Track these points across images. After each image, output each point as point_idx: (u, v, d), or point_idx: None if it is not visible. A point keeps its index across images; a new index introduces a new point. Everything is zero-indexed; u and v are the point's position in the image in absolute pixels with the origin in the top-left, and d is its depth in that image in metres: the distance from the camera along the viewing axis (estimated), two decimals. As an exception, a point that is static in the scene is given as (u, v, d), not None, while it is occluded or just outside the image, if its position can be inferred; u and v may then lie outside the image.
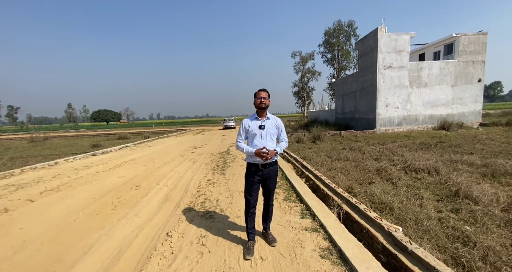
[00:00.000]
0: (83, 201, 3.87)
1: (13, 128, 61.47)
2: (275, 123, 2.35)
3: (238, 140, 2.34)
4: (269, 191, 2.38)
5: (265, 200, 2.45)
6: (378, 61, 13.02)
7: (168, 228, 2.78)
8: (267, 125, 2.29)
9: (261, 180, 2.31)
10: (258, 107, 2.28)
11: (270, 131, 2.29)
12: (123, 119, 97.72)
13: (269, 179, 2.31)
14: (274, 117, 2.39)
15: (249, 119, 2.34)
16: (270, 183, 2.34)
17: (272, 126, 2.31)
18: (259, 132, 2.26)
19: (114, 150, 10.78)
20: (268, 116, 2.34)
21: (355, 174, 5.22)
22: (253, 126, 2.28)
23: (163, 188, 4.50)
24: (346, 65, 36.22)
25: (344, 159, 6.73)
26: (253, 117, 2.33)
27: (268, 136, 2.28)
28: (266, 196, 2.42)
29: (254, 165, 2.27)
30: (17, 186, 4.96)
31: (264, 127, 2.27)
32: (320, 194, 3.78)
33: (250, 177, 2.31)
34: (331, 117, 22.22)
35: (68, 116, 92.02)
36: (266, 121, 2.31)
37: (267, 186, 2.35)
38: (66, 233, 2.77)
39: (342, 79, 19.57)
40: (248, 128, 2.30)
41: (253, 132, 2.27)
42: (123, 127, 45.83)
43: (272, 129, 2.30)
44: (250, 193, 2.31)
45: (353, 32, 35.09)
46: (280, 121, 2.40)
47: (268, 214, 2.46)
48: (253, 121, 2.31)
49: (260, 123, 2.29)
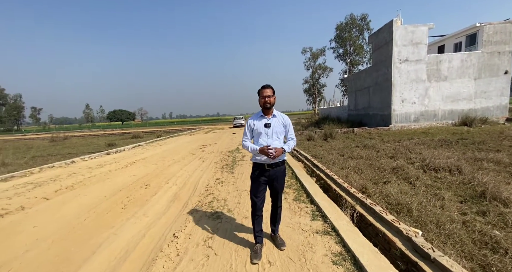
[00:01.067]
0: (95, 200, 3.94)
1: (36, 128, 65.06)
2: (282, 121, 2.22)
3: (243, 139, 2.25)
4: (277, 192, 2.27)
5: (273, 202, 2.34)
6: (393, 54, 12.43)
7: (175, 229, 2.74)
8: (273, 123, 2.17)
9: (267, 181, 2.20)
10: (263, 107, 2.17)
11: (276, 130, 2.17)
12: (137, 119, 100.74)
13: (276, 180, 2.20)
14: (281, 114, 2.27)
15: (254, 118, 2.24)
16: (278, 184, 2.22)
17: (278, 125, 2.19)
18: (264, 130, 2.15)
19: (127, 148, 11.05)
20: (275, 114, 2.22)
21: (369, 173, 4.98)
22: (259, 125, 2.18)
23: (172, 186, 4.50)
24: (359, 60, 35.13)
25: (357, 157, 6.47)
26: (258, 115, 2.22)
27: (274, 135, 2.16)
28: (273, 197, 2.32)
29: (260, 165, 2.17)
30: (35, 184, 5.16)
31: (270, 125, 2.16)
32: (332, 194, 3.62)
33: (256, 177, 2.20)
34: (343, 114, 21.63)
35: (86, 116, 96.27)
36: (272, 119, 2.19)
37: (274, 187, 2.24)
38: (76, 232, 2.81)
39: (355, 75, 18.95)
40: (253, 127, 2.20)
41: (259, 131, 2.17)
42: (137, 127, 47.20)
43: (278, 128, 2.18)
44: (256, 194, 2.21)
45: (366, 25, 33.90)
46: (288, 119, 2.27)
47: (277, 216, 2.35)
48: (258, 120, 2.20)
49: (266, 121, 2.17)
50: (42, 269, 2.12)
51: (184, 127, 32.44)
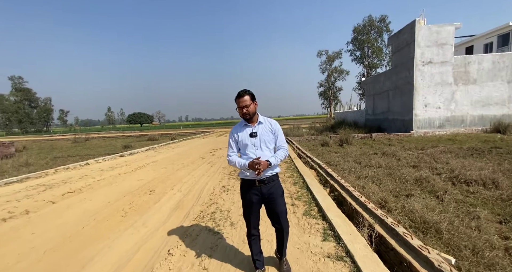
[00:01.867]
0: (98, 205, 3.86)
1: (62, 130, 69.37)
2: (269, 128, 1.91)
3: (229, 154, 1.93)
4: (277, 214, 1.88)
5: (277, 228, 1.96)
6: (415, 56, 11.69)
7: (171, 243, 2.53)
8: (260, 131, 1.87)
9: (260, 200, 1.88)
10: (243, 118, 1.87)
11: (264, 138, 1.86)
12: (155, 122, 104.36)
13: (273, 200, 1.86)
14: (268, 120, 1.95)
15: (237, 128, 1.94)
16: (276, 205, 1.86)
17: (266, 132, 1.88)
18: (251, 141, 1.85)
19: (140, 151, 11.22)
20: (260, 120, 1.91)
21: (389, 184, 4.52)
22: (243, 135, 1.88)
23: (177, 193, 4.34)
24: (378, 63, 33.89)
25: (375, 165, 5.98)
26: (242, 125, 1.92)
27: (262, 144, 1.85)
28: (275, 223, 1.93)
29: (249, 182, 1.85)
30: (47, 186, 5.24)
31: (256, 134, 1.85)
32: (347, 209, 3.25)
33: (246, 196, 1.88)
34: (360, 119, 20.75)
35: (107, 118, 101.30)
36: (258, 126, 1.88)
37: (272, 209, 1.88)
38: (72, 241, 2.69)
39: (373, 78, 18.15)
40: (238, 139, 1.90)
41: (244, 142, 1.86)
42: (154, 129, 48.70)
43: (266, 136, 1.87)
44: (249, 214, 1.90)
45: (386, 27, 32.73)
46: (276, 124, 1.94)
47: (283, 241, 1.98)
48: (242, 130, 1.90)
49: (251, 130, 1.87)
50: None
51: (198, 130, 32.91)
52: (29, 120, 58.09)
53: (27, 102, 58.85)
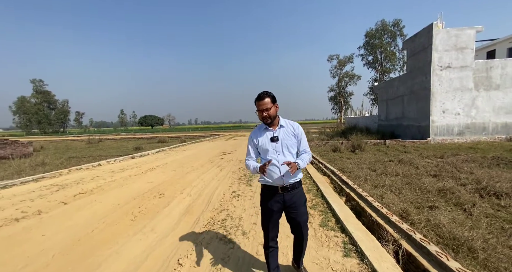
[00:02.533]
0: (108, 207, 3.81)
1: (77, 131, 71.86)
2: (292, 131, 1.78)
3: (247, 158, 1.84)
4: (298, 224, 1.77)
5: (296, 236, 1.85)
6: (432, 60, 11.27)
7: (180, 252, 2.41)
8: (281, 135, 1.74)
9: (281, 209, 1.75)
10: (263, 122, 1.76)
11: (286, 143, 1.73)
12: (165, 124, 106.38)
13: (295, 208, 1.74)
14: (290, 122, 1.82)
15: (257, 132, 1.82)
16: (298, 213, 1.74)
17: (288, 136, 1.75)
18: (272, 146, 1.72)
19: (151, 153, 11.31)
20: (282, 124, 1.78)
21: (409, 194, 4.24)
22: (264, 140, 1.76)
23: (186, 197, 4.24)
24: (391, 68, 33.19)
25: (392, 173, 5.68)
26: (261, 128, 1.80)
27: (284, 149, 1.73)
28: (296, 232, 1.82)
29: (271, 188, 1.73)
30: (60, 186, 5.29)
31: (278, 139, 1.73)
32: (367, 220, 3.03)
33: (267, 203, 1.76)
34: (372, 124, 20.21)
35: (120, 120, 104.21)
36: (279, 130, 1.76)
37: (293, 218, 1.77)
38: (81, 245, 2.62)
39: (387, 83, 17.68)
40: (258, 143, 1.78)
41: (265, 147, 1.75)
42: (165, 132, 49.50)
43: (289, 140, 1.74)
44: (267, 225, 1.78)
45: (400, 31, 32.13)
46: (298, 127, 1.81)
47: (302, 250, 1.88)
48: (262, 134, 1.78)
49: (272, 134, 1.75)
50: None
51: (207, 134, 33.13)
52: (47, 121, 60.55)
53: (46, 104, 61.49)
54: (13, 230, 3.06)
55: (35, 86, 60.51)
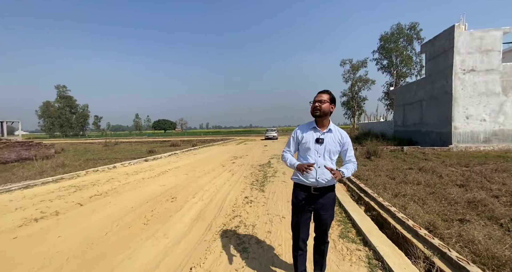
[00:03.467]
0: (122, 210, 3.82)
1: (95, 134, 74.95)
2: (339, 138, 1.75)
3: (285, 150, 1.86)
4: (325, 225, 1.77)
5: (318, 236, 1.85)
6: (454, 64, 10.76)
7: (193, 260, 2.31)
8: (327, 139, 1.71)
9: (313, 209, 1.76)
10: (313, 114, 1.74)
11: (330, 148, 1.70)
12: (177, 128, 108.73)
13: (324, 209, 1.73)
14: (339, 129, 1.79)
15: (304, 128, 1.81)
16: (326, 214, 1.74)
17: (333, 142, 1.73)
18: (314, 147, 1.71)
19: (163, 156, 11.47)
20: (331, 128, 1.76)
21: (435, 205, 3.94)
22: (308, 138, 1.74)
23: (198, 202, 4.18)
24: (407, 72, 32.15)
25: (413, 182, 5.35)
26: (309, 126, 1.78)
27: (326, 154, 1.70)
28: (319, 232, 1.82)
29: (305, 188, 1.73)
30: (77, 187, 5.41)
31: (323, 141, 1.70)
32: (390, 233, 2.81)
33: (299, 202, 1.76)
34: (388, 130, 19.50)
35: (135, 124, 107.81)
36: (327, 134, 1.73)
37: (321, 218, 1.76)
38: (94, 248, 2.60)
39: (403, 87, 17.08)
40: (301, 140, 1.77)
41: (307, 146, 1.73)
42: (177, 135, 50.50)
43: (333, 146, 1.72)
44: (298, 224, 1.77)
45: (417, 35, 31.19)
46: (346, 136, 1.78)
47: (323, 255, 1.83)
48: (308, 132, 1.76)
49: (319, 135, 1.72)
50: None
51: (218, 138, 33.37)
52: (68, 124, 63.66)
53: (68, 108, 64.76)
54: (32, 230, 3.12)
55: (59, 91, 64.07)
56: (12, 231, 3.09)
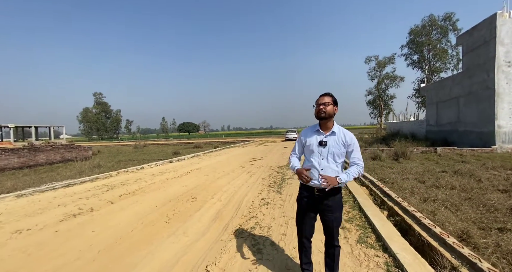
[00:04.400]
0: (147, 209, 4.08)
1: (127, 137, 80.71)
2: (343, 140, 1.73)
3: (292, 154, 1.94)
4: (331, 227, 1.76)
5: (326, 238, 1.84)
6: (497, 56, 9.70)
7: (209, 259, 2.40)
8: (331, 142, 1.72)
9: (317, 210, 1.80)
10: (317, 117, 1.76)
11: (333, 151, 1.71)
12: (201, 130, 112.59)
13: (330, 211, 1.74)
14: (343, 130, 1.78)
15: (308, 131, 1.85)
16: (332, 215, 1.74)
17: (337, 144, 1.72)
18: (318, 150, 1.74)
19: (187, 158, 11.97)
20: (334, 130, 1.76)
21: (471, 212, 3.59)
22: (312, 141, 1.78)
23: (217, 202, 4.30)
24: (441, 67, 29.62)
25: (446, 186, 4.93)
26: (313, 129, 1.81)
27: (330, 156, 1.71)
28: (327, 234, 1.82)
29: (308, 188, 1.77)
30: (109, 186, 5.90)
31: (326, 144, 1.72)
32: (415, 240, 2.63)
33: (303, 202, 1.84)
34: (419, 130, 18.13)
35: (162, 127, 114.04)
36: (330, 136, 1.74)
37: (326, 219, 1.77)
38: (121, 244, 2.83)
39: (437, 83, 15.79)
40: (305, 143, 1.83)
41: (311, 148, 1.77)
42: (200, 137, 52.33)
43: (337, 148, 1.71)
44: (302, 221, 1.86)
45: (452, 26, 28.60)
46: (352, 137, 1.76)
47: (334, 259, 1.79)
48: (312, 135, 1.80)
49: (322, 138, 1.75)
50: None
51: (238, 139, 33.85)
52: (104, 128, 69.60)
53: (103, 113, 70.82)
54: (71, 225, 3.48)
55: (96, 98, 70.35)
56: (54, 225, 3.49)
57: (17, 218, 3.81)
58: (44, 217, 3.84)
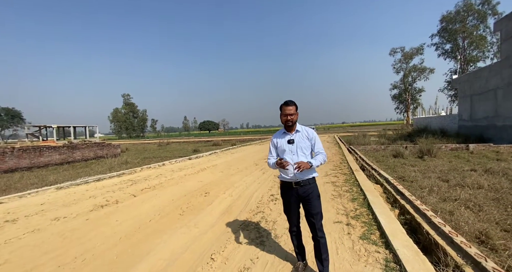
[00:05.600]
0: (164, 202, 4.42)
1: (152, 135, 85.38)
2: (306, 135, 2.08)
3: (269, 157, 2.19)
4: (311, 215, 1.98)
5: (311, 229, 2.03)
6: (540, 40, 8.62)
7: (214, 248, 2.58)
8: (297, 138, 2.06)
9: (298, 200, 2.05)
10: (285, 125, 2.07)
11: (301, 145, 2.04)
12: (220, 128, 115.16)
13: (308, 201, 1.99)
14: (305, 128, 2.14)
15: (277, 135, 2.18)
16: (310, 206, 1.98)
17: (302, 139, 2.06)
18: (288, 147, 2.05)
19: (205, 155, 12.45)
20: (298, 129, 2.10)
21: (495, 213, 3.36)
22: (282, 142, 2.10)
23: (228, 198, 4.50)
24: (478, 56, 26.90)
25: (473, 185, 4.61)
26: (281, 133, 2.15)
27: (299, 150, 2.03)
28: (309, 223, 2.03)
29: (287, 183, 2.05)
30: (133, 181, 6.42)
31: (294, 141, 2.05)
32: (423, 239, 2.55)
33: (285, 196, 2.12)
34: (450, 126, 16.79)
35: (184, 126, 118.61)
36: (295, 134, 2.08)
37: (306, 209, 2.02)
38: (140, 232, 3.13)
39: (471, 74, 14.45)
40: (277, 145, 2.13)
41: (282, 148, 2.08)
42: (219, 135, 53.62)
43: (303, 143, 2.04)
44: (288, 212, 2.15)
45: (492, 10, 25.76)
46: (313, 132, 2.11)
47: (320, 250, 1.94)
48: (281, 137, 2.12)
49: (289, 137, 2.07)
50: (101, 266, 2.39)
51: (256, 137, 34.09)
52: (132, 127, 74.33)
53: (131, 113, 75.58)
54: (99, 214, 3.91)
55: (125, 99, 75.25)
56: (85, 214, 3.94)
57: (56, 207, 4.36)
58: (77, 207, 4.35)
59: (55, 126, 21.49)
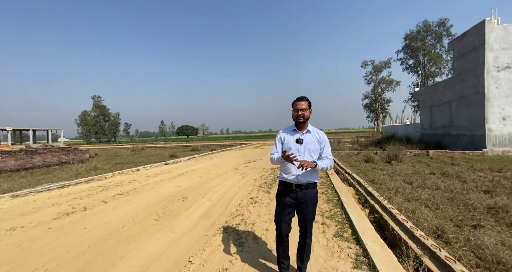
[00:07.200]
0: (138, 208, 4.21)
1: (125, 140, 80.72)
2: (317, 138, 1.93)
3: (272, 152, 2.01)
4: (305, 221, 1.91)
5: (301, 232, 1.98)
6: (486, 61, 9.99)
7: (193, 251, 2.54)
8: (306, 139, 1.89)
9: (294, 204, 1.91)
10: (296, 121, 1.91)
11: (309, 147, 1.88)
12: (199, 134, 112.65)
13: (305, 206, 1.88)
14: (316, 130, 1.99)
15: (286, 131, 1.99)
16: (306, 210, 1.89)
17: (312, 141, 1.90)
18: (295, 147, 1.89)
19: (183, 160, 12.10)
20: (309, 129, 1.94)
21: (450, 210, 3.76)
22: (290, 139, 1.93)
23: (207, 202, 4.44)
24: (436, 71, 30.12)
25: (432, 187, 5.10)
26: (290, 129, 1.97)
27: (306, 152, 1.87)
28: (301, 227, 1.97)
29: (287, 184, 1.91)
30: (103, 187, 6.02)
31: (302, 141, 1.88)
32: (389, 235, 2.77)
33: (282, 197, 1.95)
34: (414, 134, 18.39)
35: (161, 131, 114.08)
36: (306, 135, 1.91)
37: (302, 214, 1.92)
38: (111, 239, 2.95)
39: (430, 88, 16.11)
40: (284, 141, 1.97)
41: (289, 146, 1.91)
42: (199, 141, 52.40)
43: (312, 145, 1.89)
44: (281, 217, 1.93)
45: (446, 31, 29.23)
46: (323, 135, 1.97)
47: (304, 249, 1.95)
48: (290, 134, 1.95)
49: (299, 136, 1.90)
50: (68, 274, 2.22)
51: (236, 142, 33.97)
52: (102, 131, 69.52)
53: (102, 117, 70.86)
54: (63, 222, 3.60)
55: (95, 101, 70.50)
56: (47, 223, 3.61)
57: (12, 217, 3.93)
58: (38, 215, 3.96)
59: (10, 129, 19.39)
